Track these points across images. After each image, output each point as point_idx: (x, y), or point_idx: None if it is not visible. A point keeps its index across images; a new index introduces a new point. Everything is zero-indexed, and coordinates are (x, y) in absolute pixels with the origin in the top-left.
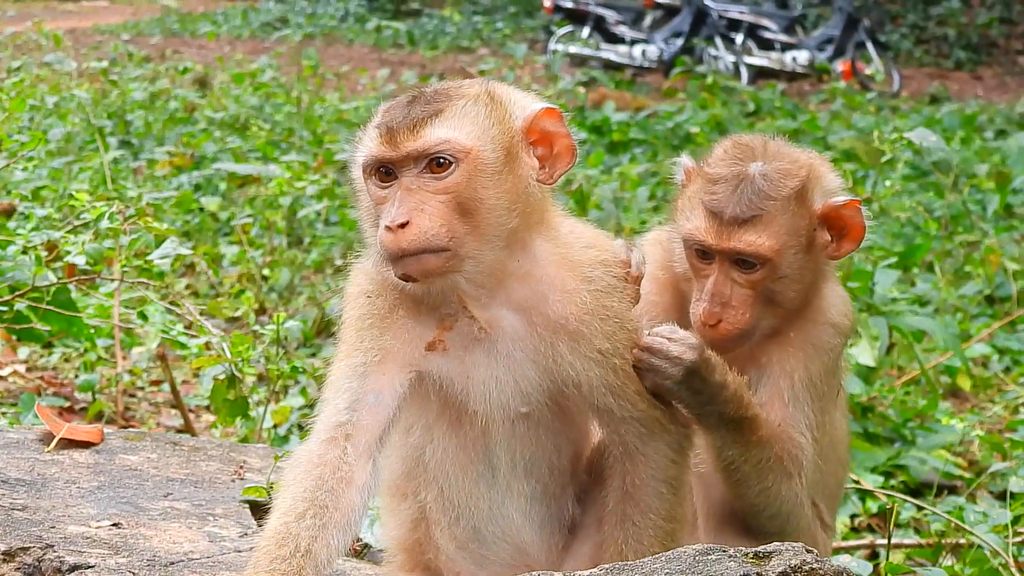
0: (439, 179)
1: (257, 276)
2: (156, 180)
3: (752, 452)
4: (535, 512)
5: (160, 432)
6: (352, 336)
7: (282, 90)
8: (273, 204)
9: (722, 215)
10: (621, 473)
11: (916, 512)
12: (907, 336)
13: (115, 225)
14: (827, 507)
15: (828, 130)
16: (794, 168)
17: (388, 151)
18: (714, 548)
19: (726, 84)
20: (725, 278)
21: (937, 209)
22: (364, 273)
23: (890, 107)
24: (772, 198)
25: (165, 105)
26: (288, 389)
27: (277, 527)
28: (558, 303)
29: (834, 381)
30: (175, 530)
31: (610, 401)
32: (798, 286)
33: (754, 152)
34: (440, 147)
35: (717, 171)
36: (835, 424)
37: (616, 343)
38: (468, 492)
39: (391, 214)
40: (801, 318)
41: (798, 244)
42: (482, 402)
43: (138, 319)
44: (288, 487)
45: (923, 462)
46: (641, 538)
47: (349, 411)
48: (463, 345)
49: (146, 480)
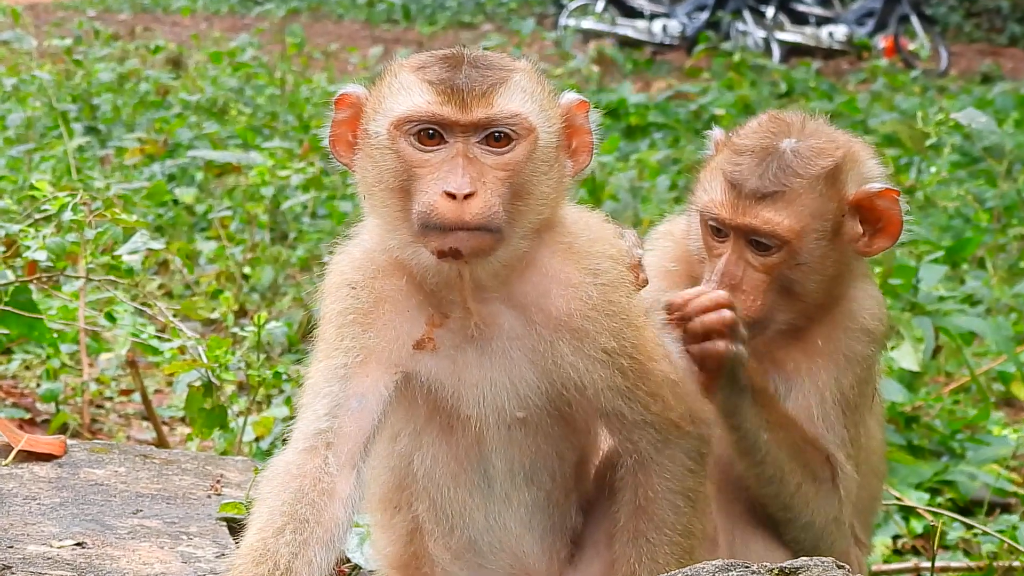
0: (499, 154)
1: (237, 275)
2: (126, 170)
3: (783, 453)
4: (536, 521)
5: (129, 444)
6: (332, 334)
7: (264, 70)
8: (254, 195)
9: (742, 188)
10: (633, 485)
11: (965, 532)
12: (955, 339)
13: (79, 217)
14: (860, 522)
15: (868, 113)
16: (829, 148)
17: (452, 112)
18: (735, 564)
19: (755, 62)
20: (738, 258)
21: (989, 199)
22: (349, 261)
23: (937, 87)
24: (799, 175)
25: (135, 88)
26: (271, 399)
27: (254, 544)
28: (561, 298)
29: (868, 389)
30: (145, 550)
31: (620, 404)
32: (819, 278)
33: (790, 128)
34: (511, 120)
35: (745, 142)
36: (868, 433)
37: (623, 341)
38: (462, 503)
39: (455, 181)
40: (830, 322)
41: (822, 230)
42: (475, 406)
43: (105, 321)
44: (265, 500)
45: (973, 477)
46: (656, 556)
47: (330, 418)
48: (454, 344)
49: (113, 496)
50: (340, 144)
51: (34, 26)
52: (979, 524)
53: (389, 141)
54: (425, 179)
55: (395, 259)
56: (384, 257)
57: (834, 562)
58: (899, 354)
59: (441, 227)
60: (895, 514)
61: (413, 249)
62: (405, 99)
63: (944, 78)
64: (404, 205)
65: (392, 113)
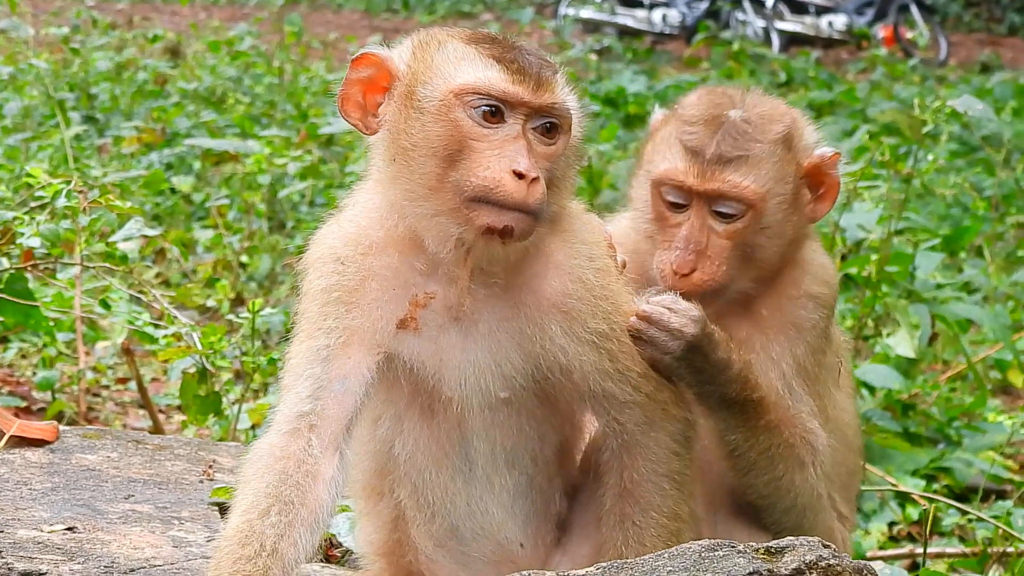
0: (548, 144)
1: (234, 263)
2: (123, 159)
3: (759, 438)
4: (518, 507)
5: (122, 431)
6: (315, 312)
7: (262, 59)
8: (252, 184)
9: (703, 153)
10: (619, 468)
11: (961, 518)
12: (952, 326)
13: (73, 204)
14: (841, 496)
15: (868, 102)
16: (777, 114)
17: (524, 93)
18: (722, 543)
19: (755, 52)
20: (702, 225)
21: (987, 188)
22: (339, 235)
23: (936, 77)
24: (758, 140)
25: (133, 77)
26: (268, 386)
27: (239, 525)
28: (558, 280)
29: (827, 359)
30: (136, 535)
31: (610, 386)
32: (779, 242)
33: (732, 99)
34: (566, 112)
35: (693, 112)
36: (838, 406)
37: (613, 325)
38: (443, 488)
39: (524, 163)
40: (775, 291)
41: (784, 194)
42: (457, 388)
43: (101, 309)
44: (249, 482)
45: (969, 464)
46: (643, 539)
47: (312, 400)
48: (437, 324)
49: (105, 481)
50: (349, 103)
51: (31, 14)
52: (974, 510)
53: (445, 109)
54: (484, 154)
55: (395, 234)
56: (381, 232)
57: (820, 541)
58: (895, 341)
59: (503, 204)
60: (891, 500)
61: (445, 219)
62: (470, 70)
63: (943, 68)
64: (445, 174)
65: (453, 81)
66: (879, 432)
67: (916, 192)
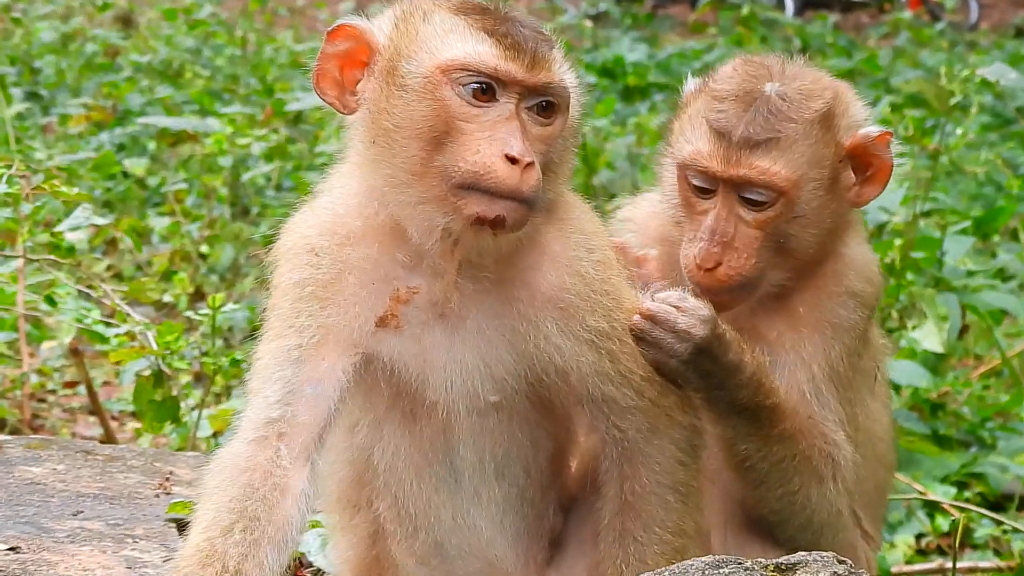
0: (543, 124)
1: (194, 254)
2: (70, 139)
3: (772, 448)
4: (508, 521)
5: (70, 440)
6: (286, 308)
7: (223, 29)
8: (212, 166)
9: (731, 136)
10: (619, 479)
11: (995, 529)
12: (985, 317)
13: (15, 190)
14: (867, 514)
15: (891, 71)
16: (817, 89)
17: (518, 70)
18: (728, 559)
19: (766, 16)
20: (729, 213)
21: (1022, 164)
22: (314, 224)
23: (966, 42)
24: (792, 120)
25: (81, 48)
26: (231, 390)
27: (200, 544)
28: (553, 273)
29: (864, 363)
30: (86, 555)
31: (611, 390)
32: (815, 231)
33: (770, 71)
34: (563, 90)
35: (725, 87)
36: (871, 416)
37: (613, 323)
38: (426, 500)
39: (518, 146)
40: (814, 286)
41: (820, 179)
42: (442, 390)
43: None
44: (211, 496)
45: (1004, 470)
46: (644, 556)
47: (282, 405)
48: (421, 321)
49: (51, 496)
50: (326, 80)
51: None
52: (1010, 520)
53: (431, 86)
54: (473, 136)
55: (375, 223)
56: (359, 221)
57: (835, 557)
58: (922, 334)
59: (494, 192)
60: (918, 510)
61: (430, 208)
62: (459, 44)
63: (974, 32)
64: (430, 158)
65: (440, 56)
66: (905, 435)
67: (944, 170)
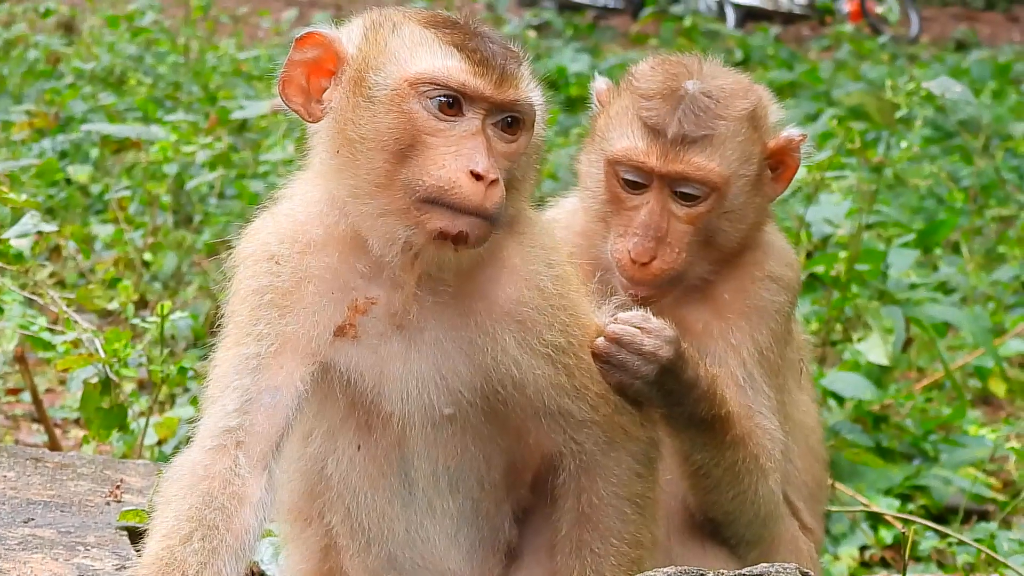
0: (508, 141)
1: (137, 262)
2: (12, 146)
3: (726, 454)
4: (463, 535)
5: (18, 447)
6: (245, 317)
7: (166, 36)
8: (156, 174)
9: (666, 132)
10: (576, 491)
11: (940, 541)
12: (928, 330)
13: None
14: (807, 508)
15: (832, 83)
16: (740, 89)
17: (486, 86)
18: (689, 571)
19: (708, 27)
20: (662, 209)
21: (964, 177)
22: (273, 231)
23: (907, 55)
24: (722, 117)
25: (22, 55)
26: (175, 398)
27: (159, 552)
28: (512, 287)
29: (789, 353)
30: (37, 562)
31: (567, 403)
32: (742, 226)
33: (688, 70)
34: (529, 108)
35: (651, 85)
36: (800, 407)
37: (571, 338)
38: (380, 512)
39: (483, 163)
40: (736, 274)
41: (748, 175)
42: (398, 402)
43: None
44: (170, 504)
45: (948, 482)
46: (601, 568)
47: (240, 414)
48: (379, 332)
49: (2, 503)
50: (291, 87)
51: None
52: (954, 532)
53: (398, 99)
54: (439, 150)
55: (335, 232)
56: (320, 230)
57: (798, 568)
58: (866, 346)
59: (458, 208)
60: (862, 522)
61: (392, 220)
62: (427, 58)
63: (915, 45)
64: (395, 171)
65: (408, 69)
66: (849, 447)
67: (887, 183)
